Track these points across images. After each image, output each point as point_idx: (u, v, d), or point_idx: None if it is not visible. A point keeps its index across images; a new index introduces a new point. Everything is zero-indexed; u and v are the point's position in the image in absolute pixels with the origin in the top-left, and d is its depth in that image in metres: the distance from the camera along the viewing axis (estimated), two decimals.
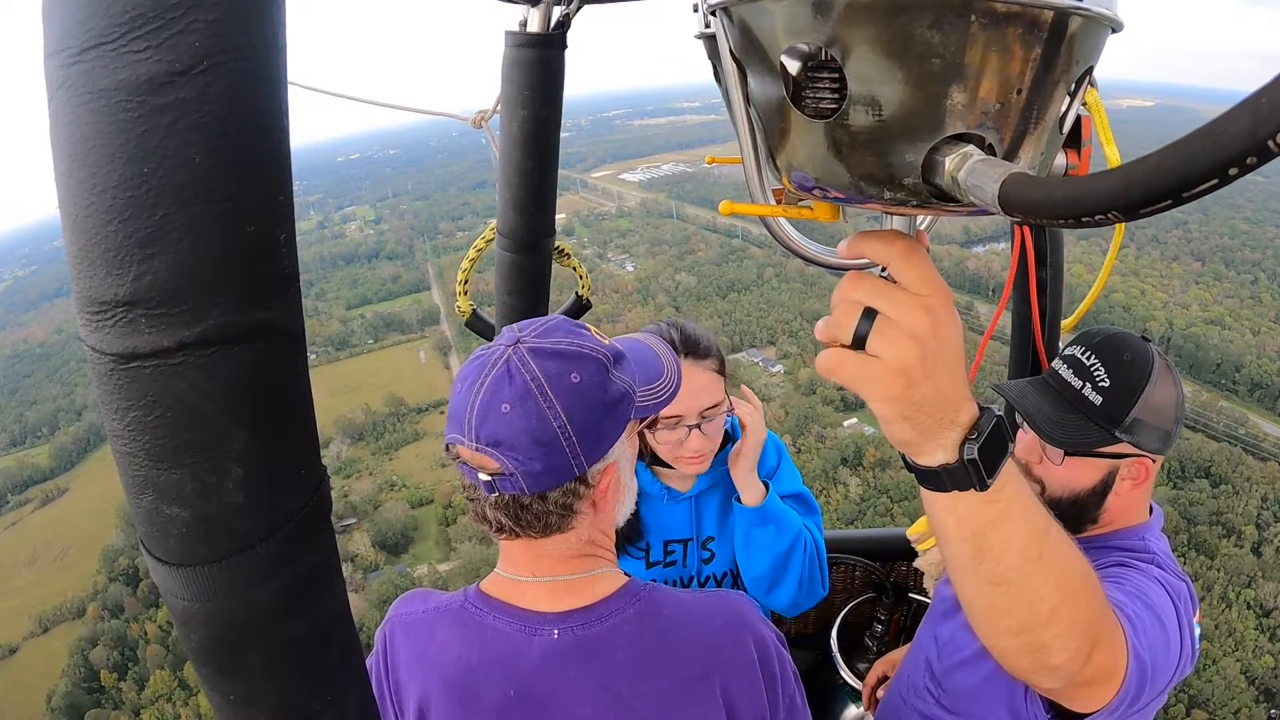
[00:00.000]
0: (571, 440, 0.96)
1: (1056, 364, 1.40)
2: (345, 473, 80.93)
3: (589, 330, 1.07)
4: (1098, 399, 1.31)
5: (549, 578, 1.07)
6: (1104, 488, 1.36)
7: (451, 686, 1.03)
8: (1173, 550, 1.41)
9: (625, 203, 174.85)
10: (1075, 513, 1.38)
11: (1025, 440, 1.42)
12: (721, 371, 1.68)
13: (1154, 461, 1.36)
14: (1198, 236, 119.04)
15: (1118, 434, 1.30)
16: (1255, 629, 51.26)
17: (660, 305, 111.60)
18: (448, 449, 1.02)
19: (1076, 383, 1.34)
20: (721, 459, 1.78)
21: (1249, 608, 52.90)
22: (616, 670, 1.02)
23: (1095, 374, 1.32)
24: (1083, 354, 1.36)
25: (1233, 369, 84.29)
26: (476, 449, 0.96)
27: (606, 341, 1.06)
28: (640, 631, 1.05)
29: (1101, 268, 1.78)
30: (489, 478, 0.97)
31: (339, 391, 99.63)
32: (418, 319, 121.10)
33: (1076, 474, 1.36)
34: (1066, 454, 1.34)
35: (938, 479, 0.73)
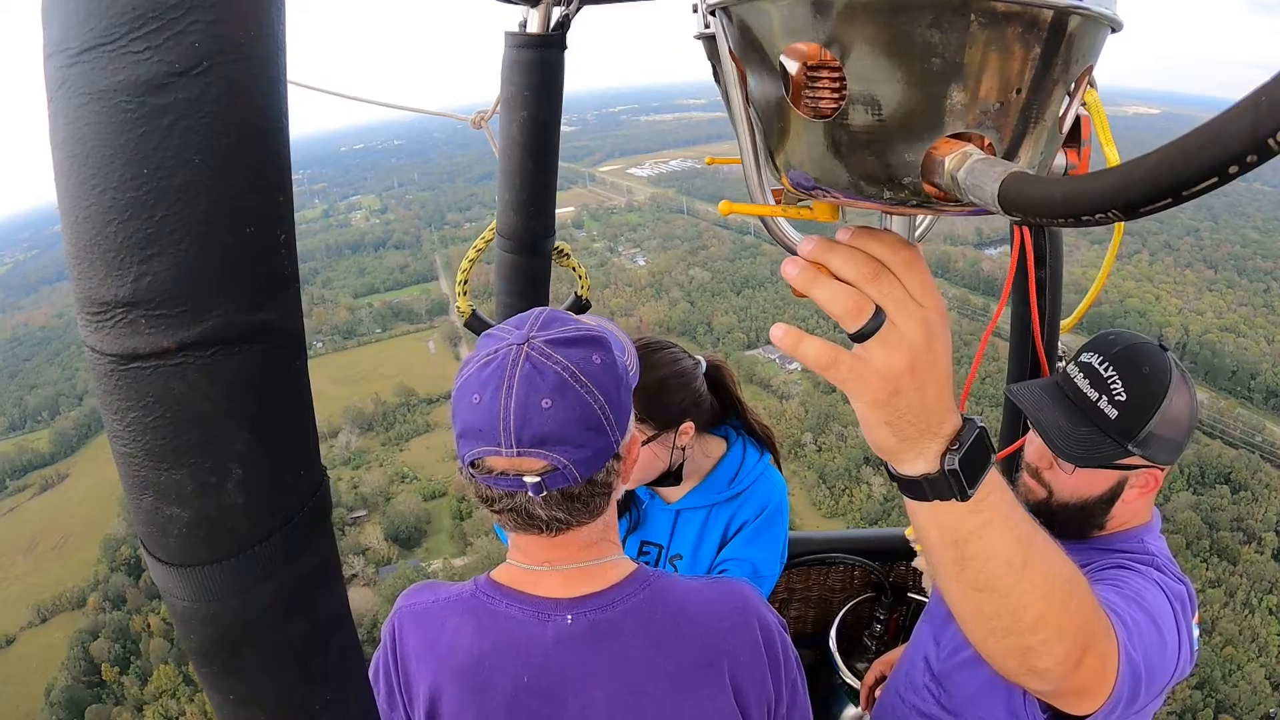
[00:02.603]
0: (610, 418, 0.98)
1: (1072, 369, 1.37)
2: (355, 464, 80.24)
3: (574, 316, 1.08)
4: (1113, 412, 1.28)
5: (564, 565, 1.07)
6: (1112, 496, 1.36)
7: (463, 675, 1.03)
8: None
9: (634, 197, 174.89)
10: (1082, 519, 1.37)
11: (1036, 445, 1.40)
12: (641, 415, 1.57)
13: (1163, 471, 1.35)
14: (1209, 244, 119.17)
15: (1131, 447, 1.28)
16: (1279, 635, 51.29)
17: (674, 300, 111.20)
18: (472, 466, 0.99)
19: (1092, 394, 1.31)
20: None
21: (1271, 613, 52.90)
22: (629, 654, 1.04)
23: (1112, 386, 1.29)
24: (1100, 364, 1.32)
25: (1248, 376, 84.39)
26: (519, 454, 0.94)
27: (593, 323, 1.08)
28: (650, 616, 1.06)
29: (1112, 273, 1.77)
30: (537, 478, 0.96)
31: (346, 380, 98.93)
32: (426, 309, 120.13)
33: (1086, 483, 1.35)
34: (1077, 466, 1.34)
35: (919, 488, 0.74)
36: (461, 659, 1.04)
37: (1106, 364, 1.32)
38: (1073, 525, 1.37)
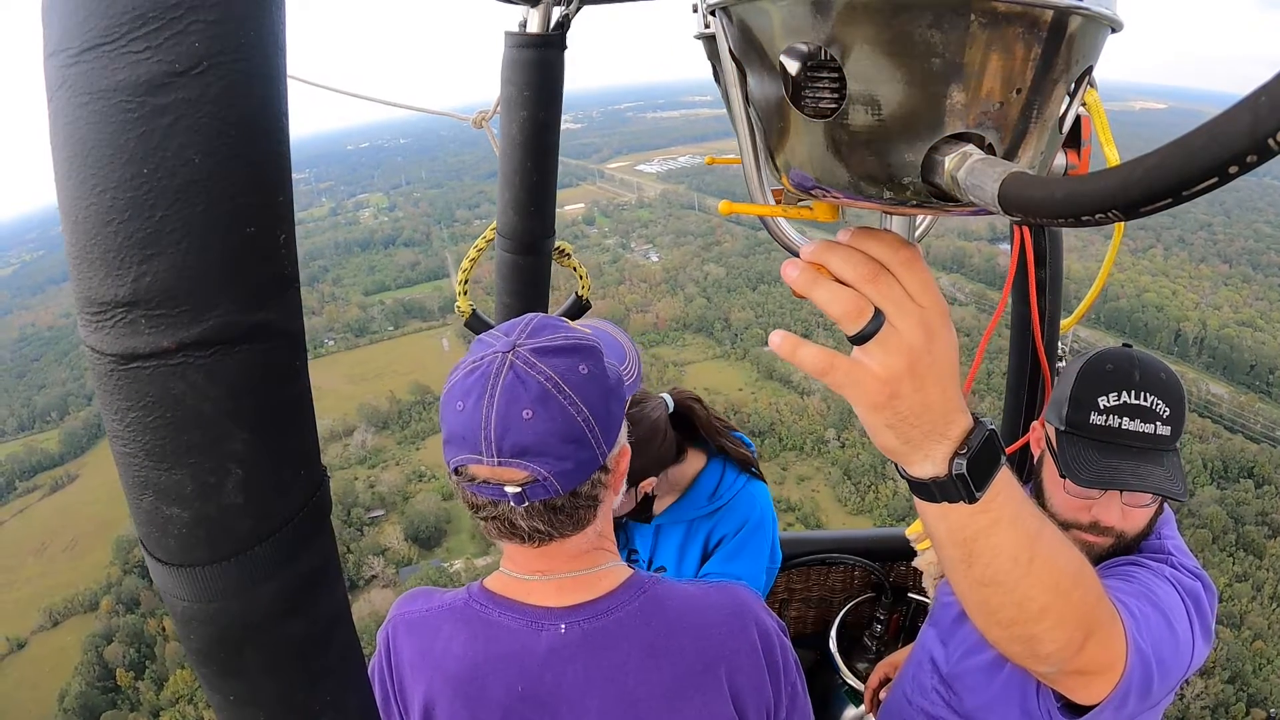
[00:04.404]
0: (595, 431, 0.96)
1: (1112, 421, 1.31)
2: (371, 462, 79.89)
3: (567, 323, 1.06)
4: (1167, 430, 1.30)
5: (556, 575, 1.07)
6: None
7: (457, 684, 1.03)
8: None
9: (645, 193, 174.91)
10: (1148, 532, 1.36)
11: (1112, 509, 1.32)
12: None
13: None
14: (1223, 239, 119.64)
15: (1178, 444, 1.31)
16: None
17: (690, 296, 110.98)
18: (457, 473, 0.99)
19: (1149, 428, 1.29)
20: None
21: None
22: (623, 663, 1.03)
23: (1158, 409, 1.30)
24: (1135, 397, 1.30)
25: (1267, 370, 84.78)
26: (500, 463, 0.94)
27: (587, 331, 1.07)
28: (646, 624, 1.05)
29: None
30: (518, 489, 0.95)
31: (360, 378, 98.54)
32: (438, 306, 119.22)
33: (1154, 505, 1.34)
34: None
35: (927, 490, 0.74)
36: (455, 668, 1.03)
37: (1139, 393, 1.30)
38: (1138, 541, 1.36)
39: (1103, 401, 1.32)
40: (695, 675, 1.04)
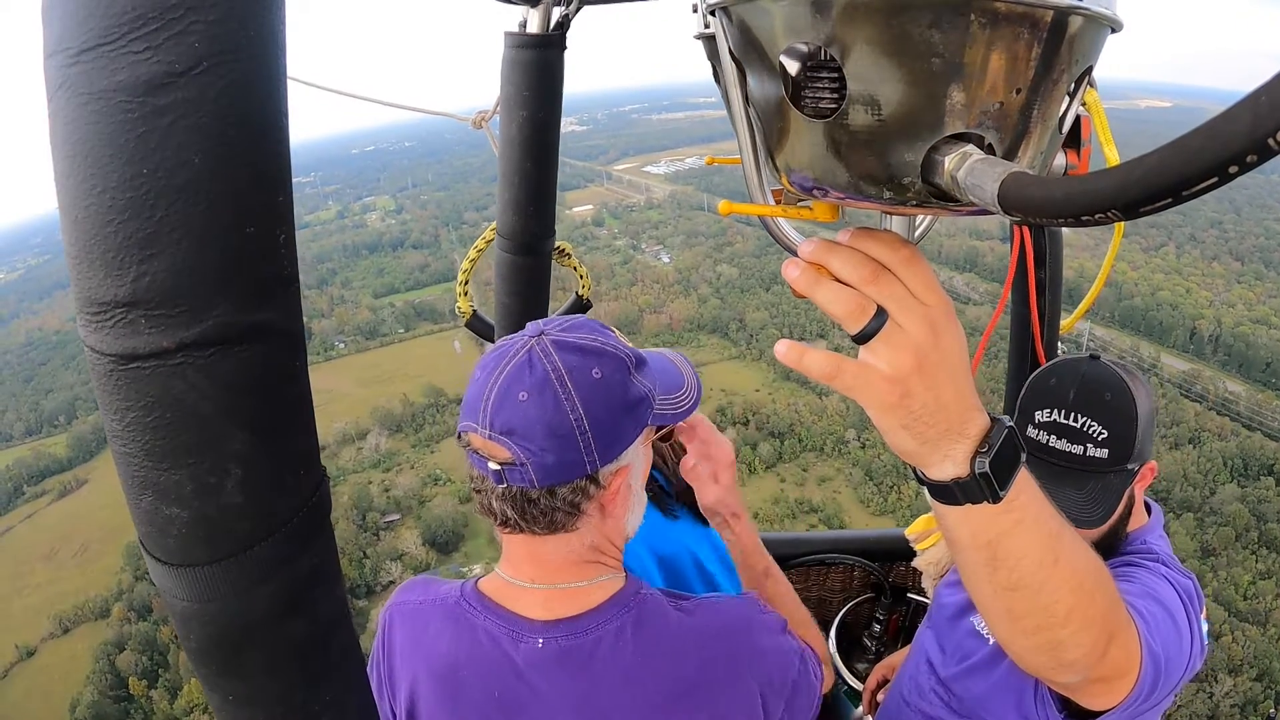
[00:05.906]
0: (587, 435, 0.95)
1: (1039, 435, 1.32)
2: (385, 466, 79.63)
3: (614, 332, 1.06)
4: (1103, 453, 1.27)
5: (546, 585, 1.05)
6: (1128, 510, 1.35)
7: (439, 680, 1.04)
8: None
9: (653, 194, 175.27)
10: (1108, 546, 1.36)
11: None
12: None
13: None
14: (1234, 236, 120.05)
15: (1130, 466, 1.28)
16: None
17: (704, 296, 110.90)
18: (459, 437, 1.02)
19: (1077, 449, 1.29)
20: None
21: None
22: (598, 683, 1.01)
23: (1090, 431, 1.28)
24: (1065, 416, 1.30)
25: None
26: (489, 436, 0.96)
27: (630, 345, 1.06)
28: (625, 645, 1.02)
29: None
30: (498, 467, 0.96)
31: (371, 381, 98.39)
32: (449, 309, 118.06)
33: (1105, 523, 1.33)
34: None
35: (949, 493, 0.72)
36: (438, 665, 1.04)
37: (1070, 413, 1.30)
38: (1103, 551, 1.34)
39: (1038, 416, 1.32)
40: (674, 702, 1.00)
